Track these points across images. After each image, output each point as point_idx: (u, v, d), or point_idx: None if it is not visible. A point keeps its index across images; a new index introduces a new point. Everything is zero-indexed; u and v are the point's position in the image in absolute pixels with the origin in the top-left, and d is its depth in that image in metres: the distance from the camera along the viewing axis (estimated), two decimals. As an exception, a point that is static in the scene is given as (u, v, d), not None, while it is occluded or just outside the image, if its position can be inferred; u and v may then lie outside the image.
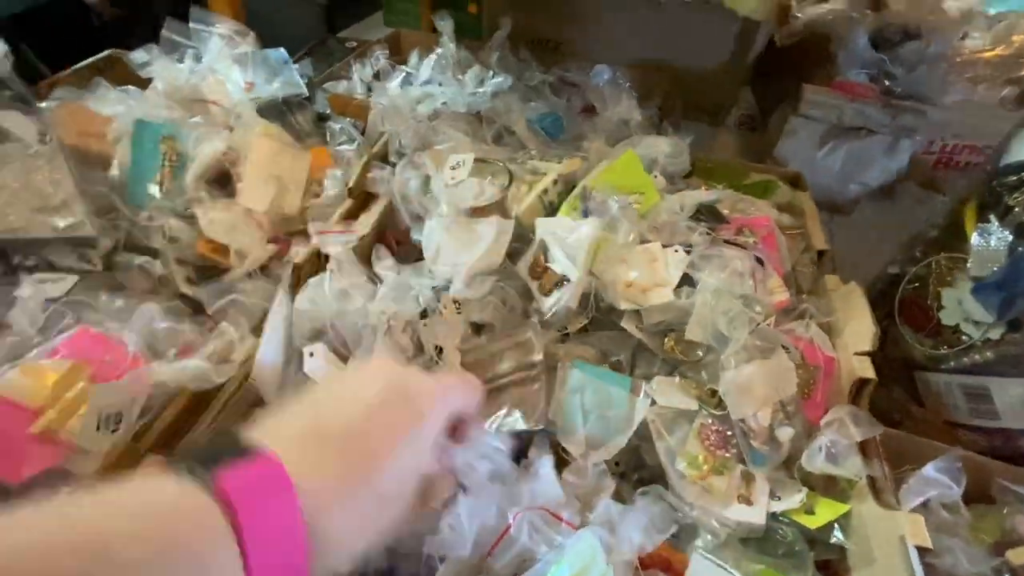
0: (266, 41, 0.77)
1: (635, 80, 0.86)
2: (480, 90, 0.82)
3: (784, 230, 0.56)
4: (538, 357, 0.46)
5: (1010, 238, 0.43)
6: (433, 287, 0.49)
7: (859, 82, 0.82)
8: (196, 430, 0.40)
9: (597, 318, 0.52)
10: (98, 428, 0.40)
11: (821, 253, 0.59)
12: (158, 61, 0.64)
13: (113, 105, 0.63)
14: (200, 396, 0.43)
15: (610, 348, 0.51)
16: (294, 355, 0.47)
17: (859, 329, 0.49)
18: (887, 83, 0.81)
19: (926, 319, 0.49)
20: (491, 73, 0.83)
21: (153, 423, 0.40)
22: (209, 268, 0.60)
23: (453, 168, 0.55)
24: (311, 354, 0.46)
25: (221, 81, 0.66)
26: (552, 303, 0.50)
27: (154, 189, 0.60)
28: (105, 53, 0.74)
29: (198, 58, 0.67)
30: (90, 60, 0.73)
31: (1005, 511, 0.45)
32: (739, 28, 0.90)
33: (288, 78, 0.72)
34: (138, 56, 0.66)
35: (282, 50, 0.75)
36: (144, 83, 0.66)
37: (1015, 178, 0.44)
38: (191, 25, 0.65)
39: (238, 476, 0.21)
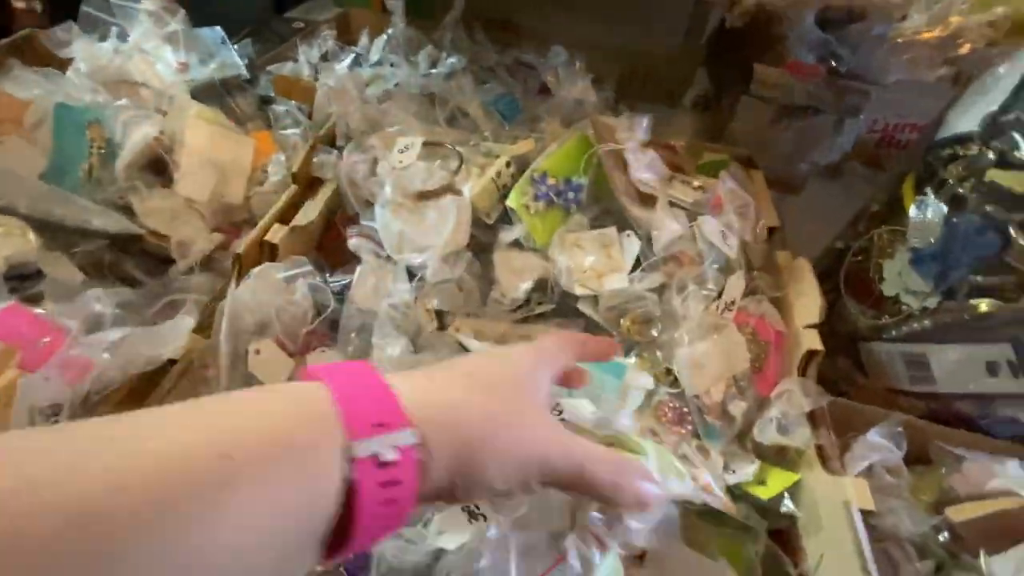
0: (211, 21, 0.73)
1: (591, 62, 0.86)
2: (433, 71, 0.80)
3: (737, 206, 0.57)
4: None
5: (945, 210, 0.44)
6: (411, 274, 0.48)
7: (808, 63, 0.84)
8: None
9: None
10: (32, 423, 0.37)
11: (772, 231, 0.60)
12: (79, 40, 0.59)
13: (30, 88, 0.58)
14: (143, 387, 0.40)
15: (568, 331, 0.51)
16: (239, 350, 0.44)
17: (807, 303, 0.51)
18: (834, 64, 0.83)
19: (869, 291, 0.51)
20: (444, 54, 0.81)
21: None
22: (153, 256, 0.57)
23: (401, 151, 0.53)
24: (257, 351, 0.44)
25: (150, 62, 0.62)
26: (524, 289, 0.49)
27: (81, 178, 0.56)
28: (21, 32, 0.69)
29: (123, 37, 0.62)
30: (4, 41, 0.68)
31: (943, 471, 0.48)
32: (693, 9, 0.91)
33: (226, 59, 0.68)
34: (57, 35, 0.61)
35: (218, 29, 0.71)
36: (64, 64, 0.61)
37: (948, 151, 0.45)
38: (112, 0, 0.60)
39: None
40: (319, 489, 0.18)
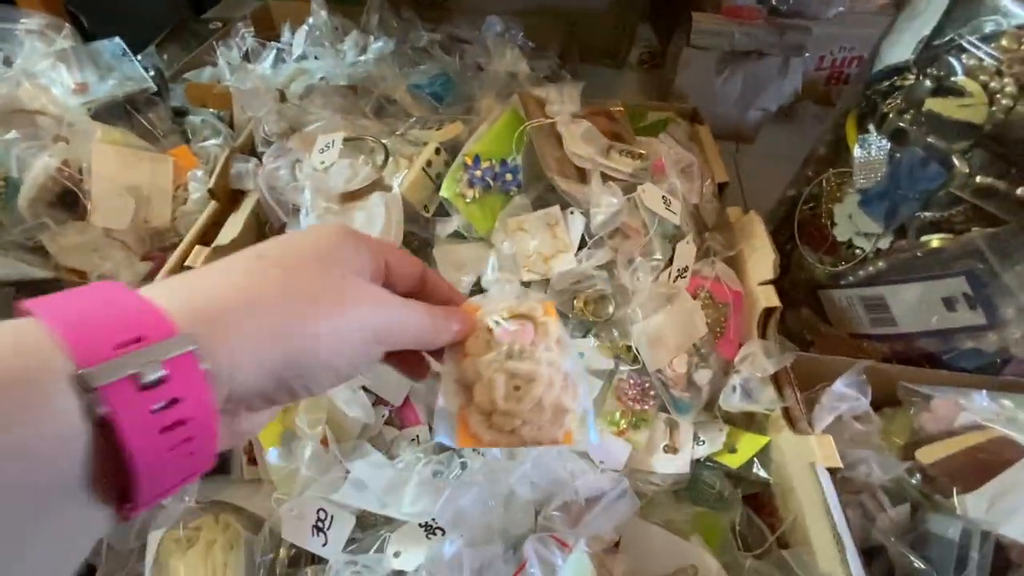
0: (120, 29, 0.67)
1: (530, 29, 0.82)
2: (362, 59, 0.75)
3: (682, 168, 0.55)
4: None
5: (888, 146, 0.43)
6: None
7: (746, 5, 0.81)
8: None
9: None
10: None
11: (722, 187, 0.58)
12: (-44, 71, 0.54)
13: (-90, 130, 0.53)
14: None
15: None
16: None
17: (761, 259, 0.49)
18: (773, 3, 0.80)
19: (823, 238, 0.49)
20: (372, 38, 0.76)
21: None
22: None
23: (322, 151, 0.50)
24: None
25: (43, 86, 0.57)
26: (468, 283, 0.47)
27: (-18, 222, 0.52)
28: None
29: (7, 62, 0.57)
30: None
31: (912, 411, 0.47)
32: (624, -38, 0.87)
33: (129, 73, 0.63)
34: (-68, 68, 0.56)
35: (117, 40, 0.66)
36: (-55, 99, 0.56)
37: (887, 83, 0.43)
38: (-14, 24, 0.55)
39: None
40: (38, 434, 0.14)
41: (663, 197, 0.47)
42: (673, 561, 0.36)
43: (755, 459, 0.42)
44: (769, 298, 0.46)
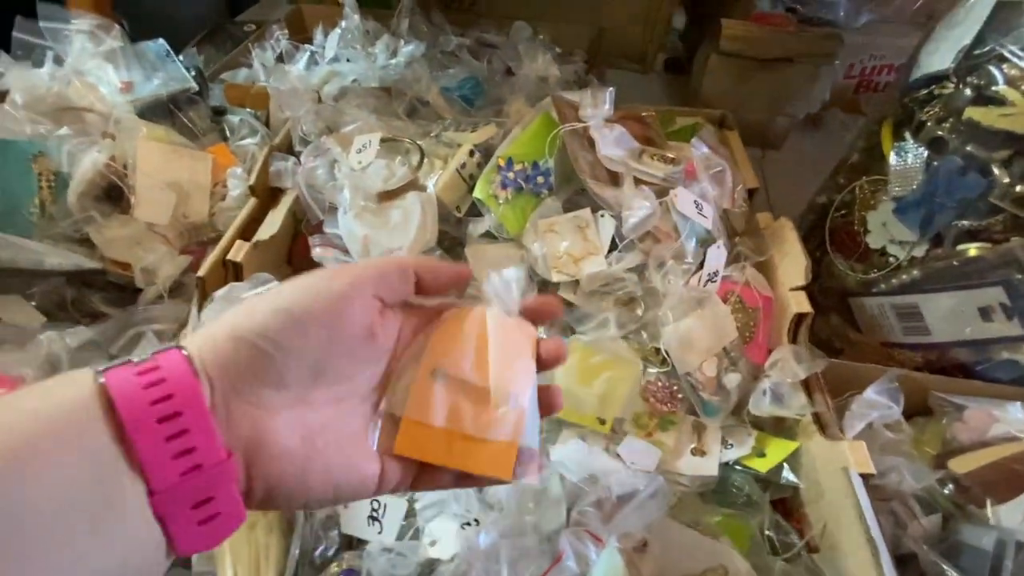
0: (159, 30, 0.69)
1: (557, 35, 0.83)
2: (392, 61, 0.77)
3: (713, 173, 0.55)
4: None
5: (925, 154, 0.43)
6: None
7: (775, 12, 0.81)
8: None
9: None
10: None
11: (751, 192, 0.59)
12: (12, 70, 0.57)
13: (-35, 126, 0.56)
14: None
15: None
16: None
17: (792, 265, 0.49)
18: (802, 10, 0.80)
19: (855, 245, 0.49)
20: (402, 42, 0.78)
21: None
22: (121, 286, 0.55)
23: (359, 151, 0.51)
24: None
25: (91, 84, 0.59)
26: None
27: (35, 214, 0.54)
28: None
29: (59, 61, 0.59)
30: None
31: (944, 421, 0.47)
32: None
33: (172, 73, 0.65)
34: (-13, 66, 0.58)
35: (161, 42, 0.68)
36: (-1, 98, 0.58)
37: (925, 92, 0.43)
38: (41, 24, 0.57)
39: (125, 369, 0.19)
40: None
41: (695, 201, 0.48)
42: (702, 561, 0.36)
43: (784, 464, 0.42)
44: (800, 304, 0.46)
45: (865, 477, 0.38)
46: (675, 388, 0.46)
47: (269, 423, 0.20)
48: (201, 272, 0.47)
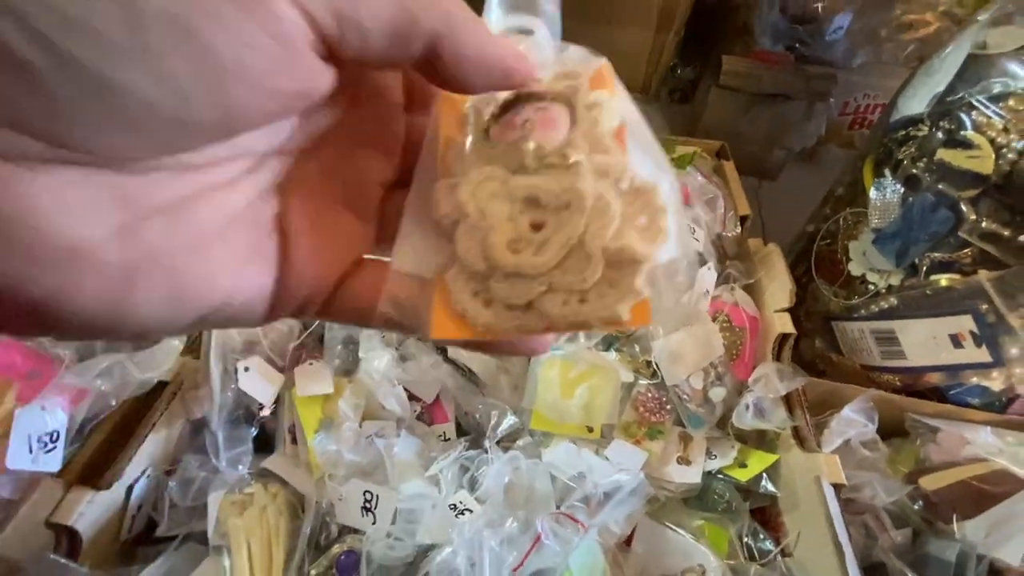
0: None
1: (562, 62, 0.87)
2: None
3: (706, 199, 0.59)
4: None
5: (901, 190, 0.46)
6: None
7: (775, 51, 0.85)
8: (124, 458, 0.40)
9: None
10: (30, 451, 0.38)
11: (744, 219, 0.62)
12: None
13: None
14: (136, 410, 0.42)
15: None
16: (228, 368, 0.46)
17: (778, 288, 0.52)
18: (802, 50, 0.85)
19: (838, 272, 0.52)
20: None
21: (75, 455, 0.39)
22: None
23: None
24: (246, 369, 0.46)
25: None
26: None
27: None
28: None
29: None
30: None
31: (918, 442, 0.49)
32: (662, 2, 0.92)
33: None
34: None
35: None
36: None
37: (903, 133, 0.47)
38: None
39: None
40: None
41: (689, 225, 0.51)
42: (682, 560, 0.39)
43: (764, 474, 0.45)
44: (784, 324, 0.49)
45: (838, 489, 0.41)
46: (664, 399, 0.49)
47: (42, 193, 0.10)
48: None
